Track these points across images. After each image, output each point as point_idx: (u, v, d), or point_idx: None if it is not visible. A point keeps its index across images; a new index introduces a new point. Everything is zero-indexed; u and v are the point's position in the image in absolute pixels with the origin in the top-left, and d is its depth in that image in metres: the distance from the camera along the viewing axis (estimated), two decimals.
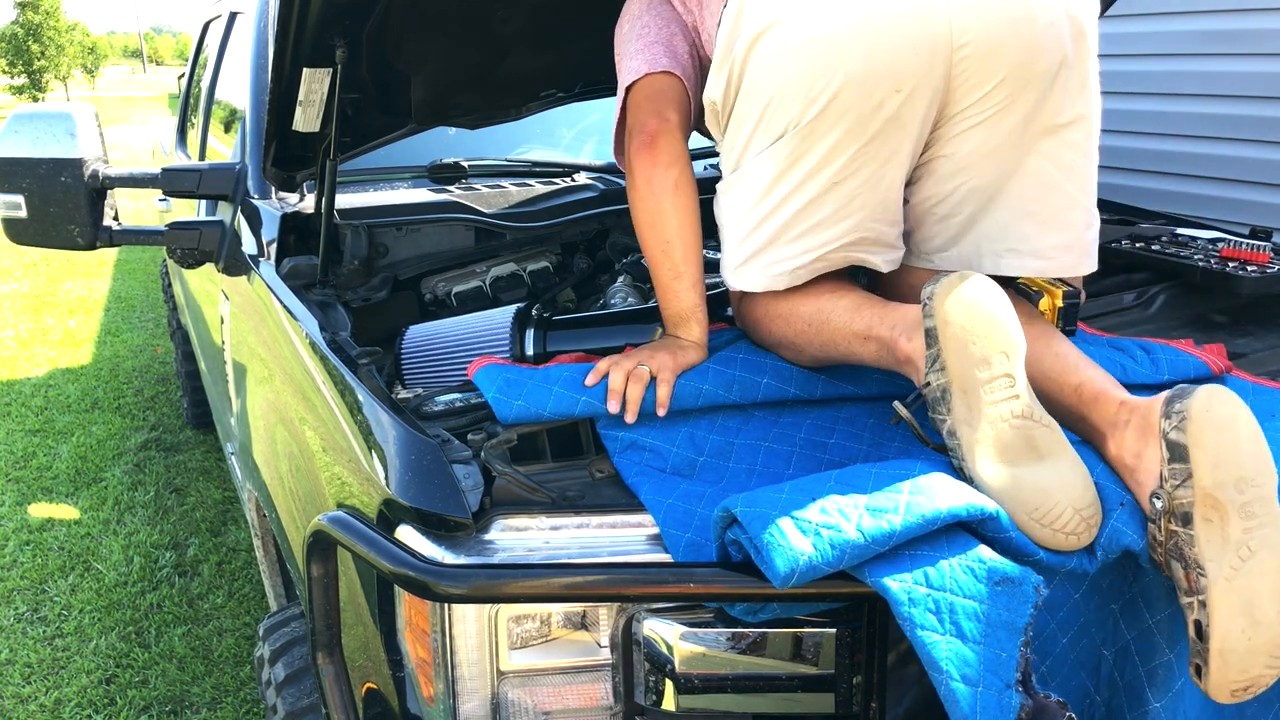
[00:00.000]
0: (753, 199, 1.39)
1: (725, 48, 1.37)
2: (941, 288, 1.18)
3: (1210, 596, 1.03)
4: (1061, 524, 1.08)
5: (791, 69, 1.30)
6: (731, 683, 1.14)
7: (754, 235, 1.41)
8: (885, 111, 1.30)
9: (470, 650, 1.13)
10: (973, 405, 1.14)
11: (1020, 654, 0.99)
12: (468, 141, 2.63)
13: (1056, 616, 1.13)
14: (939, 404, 1.17)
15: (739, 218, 1.43)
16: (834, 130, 1.31)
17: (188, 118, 4.19)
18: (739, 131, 1.39)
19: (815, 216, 1.37)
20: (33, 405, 4.84)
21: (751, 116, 1.36)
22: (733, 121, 1.40)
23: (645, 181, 1.45)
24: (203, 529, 3.56)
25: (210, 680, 2.70)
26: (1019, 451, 1.12)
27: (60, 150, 1.96)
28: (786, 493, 1.08)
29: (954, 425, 1.15)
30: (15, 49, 32.91)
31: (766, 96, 1.33)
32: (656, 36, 1.56)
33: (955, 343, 1.15)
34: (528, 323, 1.73)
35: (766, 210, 1.39)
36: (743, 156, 1.40)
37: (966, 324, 1.16)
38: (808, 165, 1.33)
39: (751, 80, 1.34)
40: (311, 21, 1.58)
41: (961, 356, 1.15)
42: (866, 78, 1.28)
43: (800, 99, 1.30)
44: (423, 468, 1.15)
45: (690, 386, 1.37)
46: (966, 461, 1.14)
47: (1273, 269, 1.93)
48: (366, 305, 1.99)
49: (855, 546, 1.02)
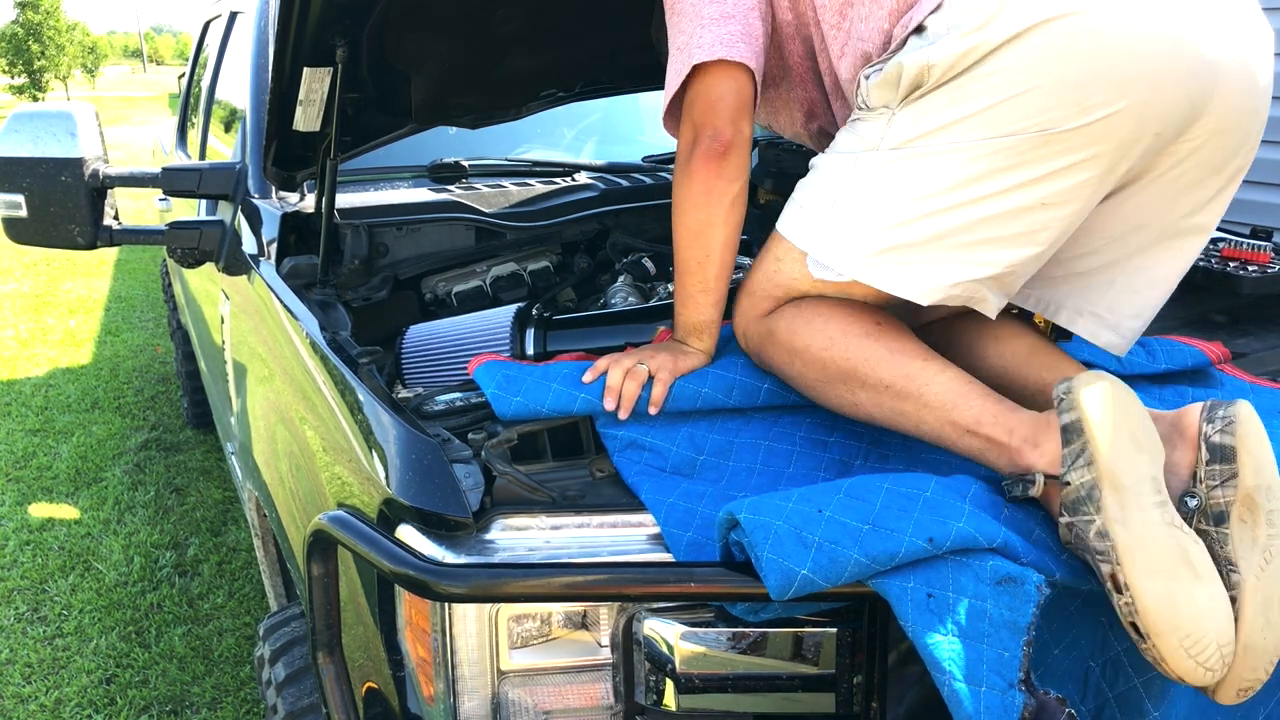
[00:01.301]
0: (936, 186, 1.21)
1: (982, 17, 1.17)
2: (1081, 382, 1.11)
3: (1242, 594, 1.04)
4: (1205, 658, 1.01)
5: (1075, 68, 1.15)
6: (732, 682, 1.14)
7: (915, 226, 1.22)
8: (1137, 149, 1.19)
9: (470, 650, 1.13)
10: (1126, 503, 1.04)
11: (1023, 653, 0.99)
12: (468, 141, 2.63)
13: (1051, 626, 1.13)
14: (1084, 504, 1.06)
15: (901, 200, 1.23)
16: (1086, 149, 1.17)
17: (188, 117, 4.19)
18: (950, 107, 1.20)
19: (1000, 231, 1.21)
20: (33, 405, 4.84)
21: (983, 98, 1.18)
22: (944, 93, 1.20)
23: (704, 191, 1.36)
24: (203, 529, 3.56)
25: (210, 680, 2.70)
26: (1175, 565, 1.03)
27: (60, 150, 1.96)
28: (794, 501, 1.08)
29: (1105, 525, 1.04)
30: (15, 49, 32.89)
31: (1023, 86, 1.16)
32: (733, 8, 1.36)
33: (1105, 435, 1.07)
34: (528, 322, 1.73)
35: (949, 204, 1.21)
36: (939, 135, 1.21)
37: (1116, 417, 1.08)
38: (1029, 174, 1.18)
39: (1010, 63, 1.16)
40: (312, 21, 1.58)
41: (1113, 449, 1.06)
42: (1147, 109, 1.16)
43: (1069, 104, 1.15)
44: (423, 467, 1.15)
45: (689, 389, 1.37)
46: (1123, 566, 1.02)
47: (1273, 269, 1.93)
48: (367, 305, 1.99)
49: (857, 564, 1.02)
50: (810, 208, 1.32)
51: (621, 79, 2.25)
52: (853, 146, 1.29)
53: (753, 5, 1.37)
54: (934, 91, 1.21)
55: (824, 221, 1.29)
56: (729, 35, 1.33)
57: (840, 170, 1.29)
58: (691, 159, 1.35)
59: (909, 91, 1.22)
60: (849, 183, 1.27)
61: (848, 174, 1.28)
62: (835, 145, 1.34)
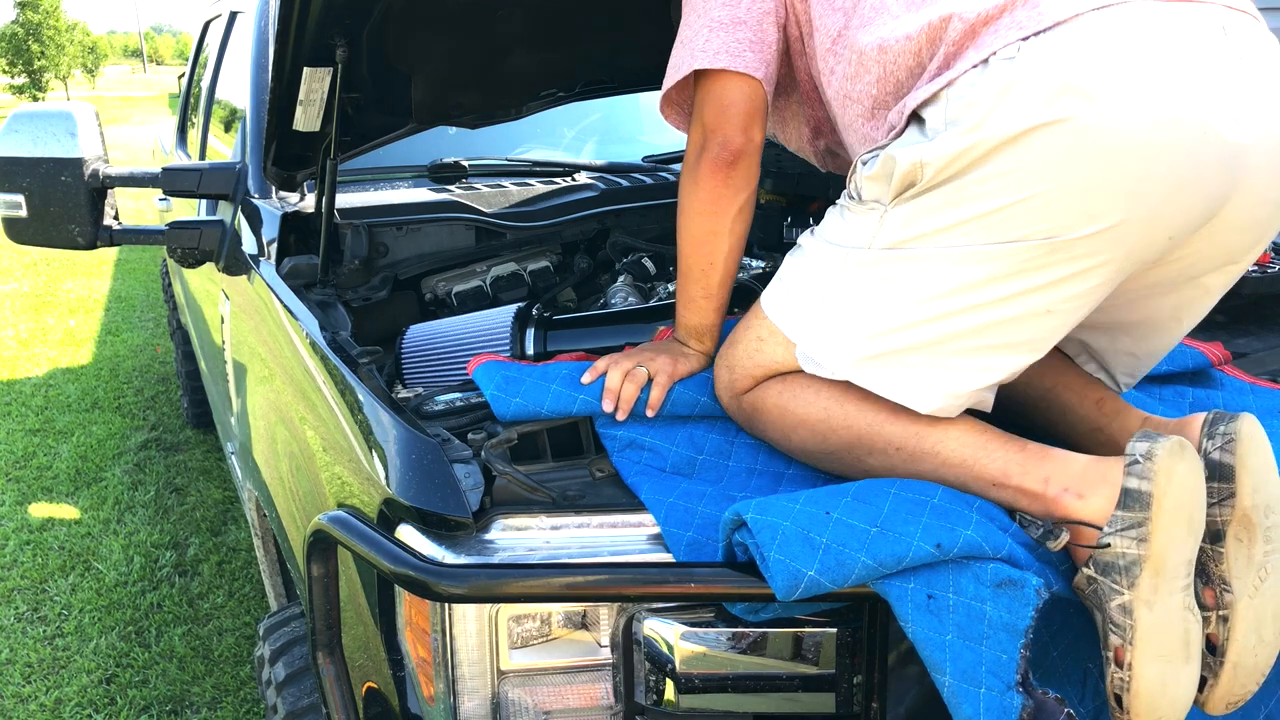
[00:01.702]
0: (934, 290, 1.12)
1: (978, 114, 1.07)
2: (1167, 452, 1.03)
3: (1234, 613, 1.05)
4: None
5: (1081, 175, 1.04)
6: (732, 682, 1.14)
7: (913, 331, 1.14)
8: (1151, 252, 1.11)
9: (470, 650, 1.13)
10: (1159, 588, 1.02)
11: (1020, 655, 0.99)
12: (468, 141, 2.63)
13: (1051, 628, 1.14)
14: (1118, 573, 1.03)
15: (897, 302, 1.14)
16: (1095, 257, 1.08)
17: (188, 117, 4.19)
18: (947, 209, 1.10)
19: (1003, 338, 1.13)
20: (33, 405, 4.84)
21: (982, 203, 1.08)
22: (940, 194, 1.10)
23: (711, 200, 1.32)
24: (203, 529, 3.56)
25: (210, 680, 2.70)
26: (1175, 647, 1.03)
27: (60, 150, 1.96)
28: (801, 503, 1.08)
29: (1132, 604, 1.01)
30: (15, 48, 32.90)
31: (1025, 192, 1.06)
32: (746, 14, 1.30)
33: (1168, 519, 1.02)
34: (528, 322, 1.73)
35: (948, 309, 1.12)
36: (935, 238, 1.11)
37: (1183, 497, 1.03)
38: (1034, 281, 1.09)
39: (1009, 166, 1.06)
40: (312, 21, 1.58)
41: (1170, 536, 1.02)
42: (1160, 215, 1.07)
43: (1076, 213, 1.05)
44: (423, 467, 1.15)
45: (688, 396, 1.37)
46: (1134, 648, 1.01)
47: (1273, 269, 1.93)
48: (366, 305, 1.99)
49: (864, 567, 1.02)
50: (799, 297, 1.24)
51: (621, 79, 2.25)
52: (842, 239, 1.20)
53: (769, 10, 1.31)
54: (928, 192, 1.11)
55: (815, 316, 1.21)
56: (737, 43, 1.29)
57: (830, 263, 1.21)
58: (700, 165, 1.32)
59: (901, 189, 1.13)
60: (840, 279, 1.19)
61: (839, 270, 1.19)
62: (824, 229, 1.25)
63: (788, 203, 2.30)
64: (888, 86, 1.22)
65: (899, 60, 1.19)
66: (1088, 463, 1.10)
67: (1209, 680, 1.07)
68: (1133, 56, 1.04)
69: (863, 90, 1.25)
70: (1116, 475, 1.06)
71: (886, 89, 1.22)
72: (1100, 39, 1.05)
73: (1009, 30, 1.08)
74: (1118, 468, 1.07)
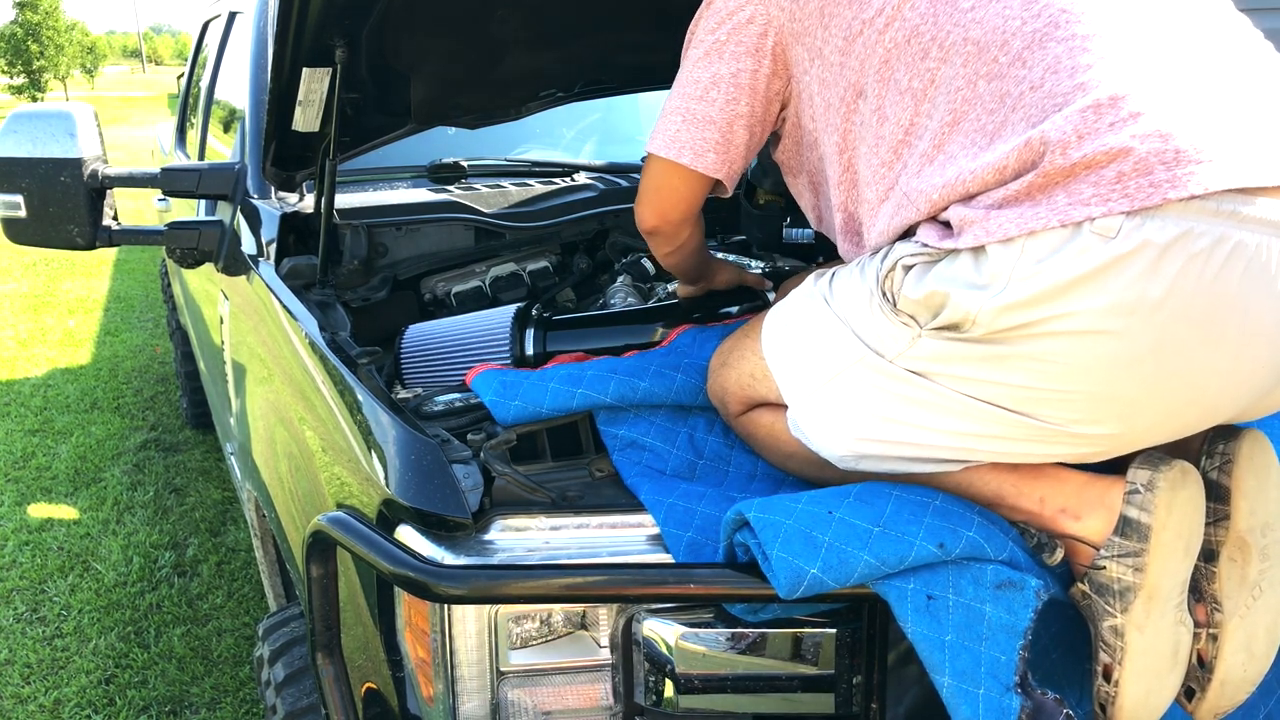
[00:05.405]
0: (944, 426, 1.09)
1: (1049, 289, 0.96)
2: (1169, 484, 1.03)
3: (1224, 631, 1.06)
4: None
5: (1132, 389, 0.98)
6: (731, 683, 1.14)
7: (908, 448, 1.13)
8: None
9: (470, 650, 1.13)
10: (1152, 611, 1.03)
11: (1019, 656, 0.99)
12: (468, 141, 2.63)
13: (1051, 630, 1.14)
14: (1111, 596, 1.04)
15: (902, 422, 1.11)
16: (1109, 444, 1.06)
17: (187, 118, 4.19)
18: (984, 365, 1.03)
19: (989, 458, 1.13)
20: (32, 405, 4.83)
21: (1024, 377, 1.01)
22: (985, 349, 1.02)
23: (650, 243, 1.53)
24: (202, 529, 3.56)
25: (210, 680, 2.70)
26: (1164, 660, 1.04)
27: (60, 150, 1.95)
28: (803, 503, 1.08)
29: (1124, 626, 1.03)
30: (14, 49, 32.87)
31: (1072, 387, 1.00)
32: (719, 115, 1.30)
33: (1169, 552, 1.02)
34: (528, 323, 1.73)
35: (950, 444, 1.11)
36: (966, 384, 1.05)
37: (1184, 532, 1.03)
38: (1041, 450, 1.07)
39: (1064, 358, 0.98)
40: (311, 21, 1.58)
41: (1167, 568, 1.03)
42: (1194, 428, 1.06)
43: (1113, 419, 1.01)
44: (422, 468, 1.15)
45: (692, 384, 1.38)
46: (1123, 667, 1.03)
47: None
48: (366, 305, 1.99)
49: (867, 565, 1.02)
50: (803, 366, 1.20)
51: (621, 79, 2.25)
52: (863, 332, 1.12)
53: (741, 115, 1.30)
54: (971, 343, 1.02)
55: (815, 396, 1.18)
56: (702, 143, 1.31)
57: (844, 351, 1.14)
58: (638, 211, 1.44)
59: (944, 326, 1.04)
60: (851, 375, 1.13)
61: (851, 364, 1.13)
62: (844, 303, 1.16)
63: (787, 202, 2.30)
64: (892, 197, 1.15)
65: (976, 180, 1.04)
66: (1083, 482, 1.10)
67: (1196, 693, 1.08)
68: (1224, 300, 0.94)
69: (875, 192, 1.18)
70: (1114, 500, 1.06)
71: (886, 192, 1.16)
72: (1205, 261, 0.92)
73: (1110, 192, 0.94)
74: (1116, 492, 1.07)
